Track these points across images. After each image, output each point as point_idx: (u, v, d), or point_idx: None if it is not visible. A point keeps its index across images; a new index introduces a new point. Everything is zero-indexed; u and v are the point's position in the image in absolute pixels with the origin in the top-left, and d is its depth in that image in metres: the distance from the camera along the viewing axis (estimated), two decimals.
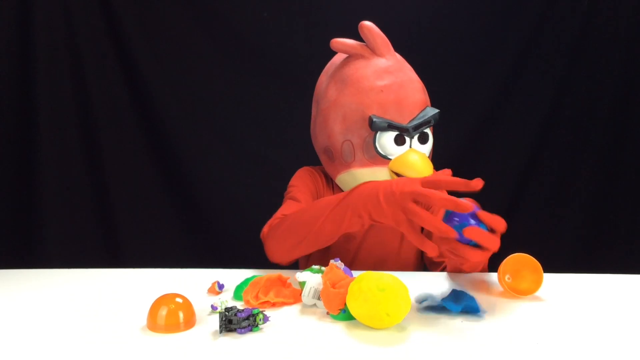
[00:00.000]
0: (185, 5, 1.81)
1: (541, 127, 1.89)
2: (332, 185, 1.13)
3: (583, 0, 1.77)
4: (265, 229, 1.01)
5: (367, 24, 0.99)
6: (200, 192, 1.87)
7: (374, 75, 0.98)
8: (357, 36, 1.03)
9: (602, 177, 1.88)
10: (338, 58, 1.08)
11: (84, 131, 1.78)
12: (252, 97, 1.86)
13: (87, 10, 1.73)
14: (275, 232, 0.96)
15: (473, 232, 0.67)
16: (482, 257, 0.70)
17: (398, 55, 1.05)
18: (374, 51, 1.00)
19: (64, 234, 1.75)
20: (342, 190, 1.07)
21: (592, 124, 1.87)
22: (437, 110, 1.01)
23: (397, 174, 0.98)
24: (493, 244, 0.68)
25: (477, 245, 0.69)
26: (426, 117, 0.98)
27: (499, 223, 0.70)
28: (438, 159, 1.83)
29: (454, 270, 0.97)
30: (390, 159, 0.98)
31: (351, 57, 1.03)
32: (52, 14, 1.68)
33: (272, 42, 1.83)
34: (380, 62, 1.00)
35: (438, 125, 1.03)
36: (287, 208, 1.05)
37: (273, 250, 0.96)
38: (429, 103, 1.04)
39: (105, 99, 1.78)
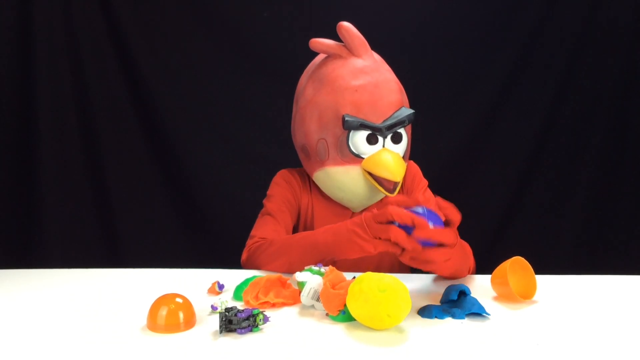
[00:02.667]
0: (185, 5, 1.81)
1: (541, 128, 1.89)
2: (309, 186, 1.14)
3: None
4: (244, 255, 1.03)
5: (345, 24, 1.01)
6: (200, 192, 1.87)
7: (350, 75, 1.00)
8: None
9: (601, 179, 1.88)
10: (319, 58, 1.10)
11: (84, 131, 1.78)
12: (252, 97, 1.86)
13: (88, 11, 1.74)
14: (256, 261, 0.99)
15: (423, 232, 0.72)
16: (444, 255, 0.74)
17: (376, 55, 1.06)
18: (351, 51, 1.02)
19: (64, 234, 1.75)
20: (320, 190, 1.09)
21: (592, 125, 1.87)
22: (411, 111, 1.02)
23: (370, 173, 0.99)
24: (446, 237, 0.73)
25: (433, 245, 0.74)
26: (400, 117, 0.99)
27: (454, 214, 0.75)
28: (439, 160, 1.83)
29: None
30: (362, 158, 1.00)
31: (330, 57, 1.05)
32: (52, 14, 1.68)
33: (272, 42, 1.83)
34: (357, 62, 1.01)
35: (439, 125, 1.02)
36: (263, 227, 1.07)
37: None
38: (405, 103, 1.04)
39: (105, 99, 1.78)
